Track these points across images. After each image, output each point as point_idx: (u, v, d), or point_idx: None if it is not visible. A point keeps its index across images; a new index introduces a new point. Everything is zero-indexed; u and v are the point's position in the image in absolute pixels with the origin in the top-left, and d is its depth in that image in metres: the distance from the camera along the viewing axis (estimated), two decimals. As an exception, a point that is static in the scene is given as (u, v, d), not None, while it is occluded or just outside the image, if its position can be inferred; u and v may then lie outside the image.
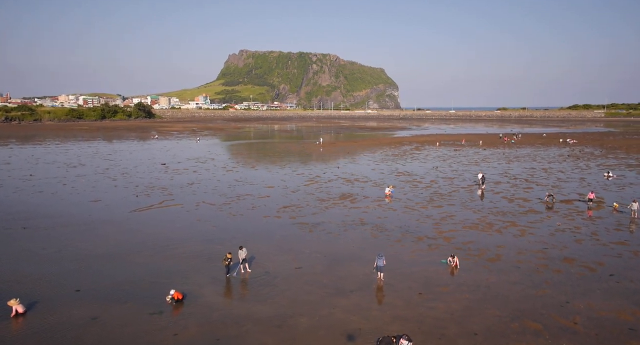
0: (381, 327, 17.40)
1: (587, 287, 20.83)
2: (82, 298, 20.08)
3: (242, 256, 22.60)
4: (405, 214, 35.17)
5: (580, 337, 16.32)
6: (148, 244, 27.71)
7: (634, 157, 73.78)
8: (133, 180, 50.27)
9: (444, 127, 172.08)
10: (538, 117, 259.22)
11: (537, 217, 34.01)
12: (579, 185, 47.73)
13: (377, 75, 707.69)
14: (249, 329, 17.38)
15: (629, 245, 27.21)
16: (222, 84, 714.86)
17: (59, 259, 25.07)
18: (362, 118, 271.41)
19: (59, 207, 37.68)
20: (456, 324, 17.49)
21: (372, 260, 24.60)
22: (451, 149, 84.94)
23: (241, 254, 22.59)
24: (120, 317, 18.30)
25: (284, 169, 60.03)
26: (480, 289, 20.89)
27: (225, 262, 21.99)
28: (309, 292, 20.77)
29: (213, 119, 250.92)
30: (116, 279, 22.20)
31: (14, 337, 16.84)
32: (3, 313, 18.46)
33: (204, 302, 19.82)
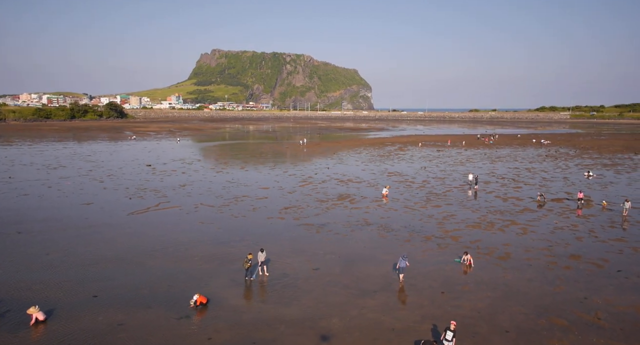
0: (413, 326, 17.63)
1: (599, 283, 21.69)
2: (101, 304, 19.44)
3: (261, 259, 22.37)
4: (406, 214, 35.62)
5: (607, 332, 16.99)
6: (156, 247, 27.06)
7: (607, 156, 77.08)
8: (121, 182, 48.87)
9: (421, 128, 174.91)
10: (508, 119, 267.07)
11: (533, 216, 35.09)
12: (564, 184, 49.52)
13: (350, 76, 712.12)
14: (282, 332, 17.26)
15: (627, 242, 28.47)
16: (194, 84, 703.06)
17: (66, 264, 24.16)
18: (339, 119, 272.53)
19: (50, 210, 36.25)
20: (485, 321, 17.89)
21: (386, 261, 24.98)
22: (434, 150, 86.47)
23: (261, 257, 22.36)
24: (147, 323, 17.83)
25: (273, 169, 59.67)
26: (499, 286, 21.42)
27: (247, 264, 21.70)
28: (333, 293, 20.79)
29: (188, 119, 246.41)
30: (133, 283, 21.60)
31: (46, 342, 16.16)
32: (21, 321, 17.69)
33: (229, 305, 19.54)
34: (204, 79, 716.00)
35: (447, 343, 14.85)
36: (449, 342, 14.80)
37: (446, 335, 14.88)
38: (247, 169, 59.83)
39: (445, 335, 14.90)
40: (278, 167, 62.38)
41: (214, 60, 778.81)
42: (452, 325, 15.18)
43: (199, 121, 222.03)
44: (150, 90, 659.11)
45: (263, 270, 22.91)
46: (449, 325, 15.21)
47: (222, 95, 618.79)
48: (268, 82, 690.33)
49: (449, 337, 14.83)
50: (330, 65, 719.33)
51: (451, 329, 14.99)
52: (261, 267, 22.83)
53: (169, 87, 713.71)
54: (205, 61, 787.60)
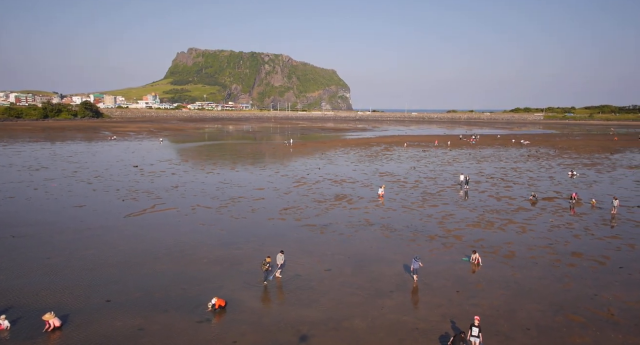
0: (436, 326, 17.81)
1: (605, 280, 22.39)
2: (116, 308, 18.93)
3: (280, 261, 22.12)
4: (406, 214, 35.95)
5: (623, 328, 17.55)
6: (160, 249, 26.52)
7: (585, 156, 79.61)
8: (111, 184, 47.66)
9: (402, 129, 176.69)
10: (485, 119, 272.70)
11: (529, 215, 35.95)
12: (550, 183, 50.90)
13: (329, 76, 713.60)
14: (309, 333, 17.19)
15: (622, 239, 29.48)
16: (170, 83, 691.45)
17: (70, 268, 23.42)
18: (320, 119, 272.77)
19: (41, 213, 35.07)
20: (505, 320, 18.22)
21: (396, 261, 25.19)
22: (420, 150, 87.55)
23: (280, 259, 22.11)
24: (167, 327, 17.46)
25: (264, 170, 59.28)
26: (510, 284, 21.86)
27: (265, 267, 21.42)
28: (349, 293, 20.81)
29: (167, 119, 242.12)
30: (145, 287, 21.11)
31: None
32: (35, 327, 17.07)
33: (247, 308, 19.33)
34: (181, 78, 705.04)
35: (473, 339, 15.05)
36: (475, 338, 15.01)
37: (472, 332, 15.09)
38: (237, 170, 59.22)
39: (472, 332, 15.10)
40: (268, 167, 62.00)
41: (191, 59, 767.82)
42: (476, 320, 15.41)
43: (178, 121, 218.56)
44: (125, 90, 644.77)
45: (278, 272, 22.62)
46: (473, 321, 15.43)
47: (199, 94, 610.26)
48: (246, 82, 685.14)
49: (475, 333, 15.06)
50: (309, 65, 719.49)
51: (476, 324, 15.23)
52: (280, 269, 22.53)
53: (144, 86, 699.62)
54: (182, 60, 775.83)
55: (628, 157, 79.58)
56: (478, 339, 15.03)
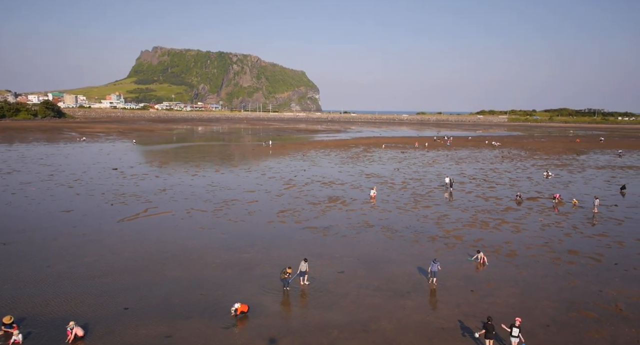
0: (460, 324, 18.30)
1: (605, 276, 23.59)
2: (136, 316, 18.42)
3: (303, 268, 21.90)
4: (402, 215, 36.56)
5: (634, 322, 18.57)
6: (165, 255, 25.91)
7: (555, 157, 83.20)
8: (94, 187, 46.02)
9: (376, 130, 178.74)
10: (453, 121, 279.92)
11: (518, 214, 37.32)
12: (530, 184, 52.94)
13: (298, 77, 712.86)
14: (337, 336, 17.28)
15: (609, 236, 31.10)
16: (134, 82, 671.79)
17: (76, 275, 22.57)
18: (292, 120, 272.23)
19: (28, 219, 33.53)
20: (524, 317, 18.84)
21: (405, 261, 25.67)
22: (398, 151, 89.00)
23: (303, 266, 21.88)
24: (195, 334, 17.16)
25: (249, 172, 58.74)
26: (519, 283, 22.69)
27: (284, 276, 21.19)
28: (368, 295, 21.04)
29: (134, 119, 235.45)
30: (161, 294, 20.62)
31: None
32: (55, 338, 16.39)
33: (271, 313, 19.22)
34: (145, 78, 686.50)
35: (513, 339, 15.58)
36: (515, 338, 15.54)
37: (512, 332, 15.60)
38: (222, 172, 58.41)
39: (512, 332, 15.62)
40: (253, 169, 61.46)
41: (156, 58, 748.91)
42: (517, 321, 15.94)
43: (146, 122, 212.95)
44: (85, 88, 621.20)
45: (303, 280, 22.26)
46: (514, 322, 15.95)
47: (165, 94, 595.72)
48: (214, 82, 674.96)
49: (515, 333, 15.58)
50: (278, 66, 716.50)
51: (516, 325, 15.75)
52: (302, 276, 22.22)
53: (106, 85, 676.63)
54: (146, 59, 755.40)
55: (593, 158, 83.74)
56: (517, 339, 15.53)
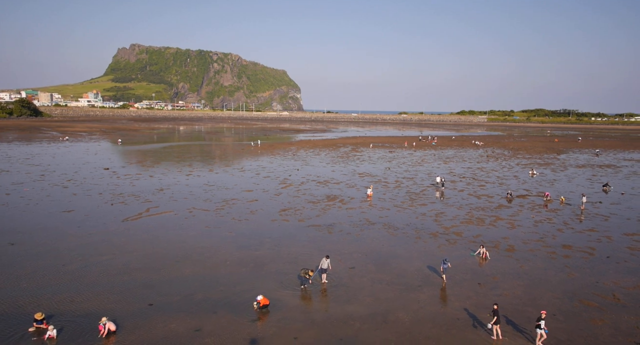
0: (473, 315, 19.37)
1: (600, 269, 25.09)
2: (162, 311, 18.91)
3: (325, 265, 22.51)
4: (400, 213, 37.65)
5: (632, 310, 19.98)
6: (178, 253, 26.30)
7: (537, 157, 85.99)
8: (89, 188, 45.72)
9: (361, 130, 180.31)
10: (434, 121, 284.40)
11: (511, 211, 38.87)
12: (517, 182, 54.87)
13: (279, 77, 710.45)
14: (360, 327, 18.12)
15: (598, 231, 32.83)
16: (111, 81, 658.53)
17: (93, 274, 22.82)
18: (276, 120, 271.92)
19: (30, 219, 33.33)
20: (532, 307, 20.12)
21: (411, 257, 26.76)
22: (386, 151, 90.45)
23: (324, 263, 22.51)
24: (222, 327, 17.77)
25: (243, 172, 59.04)
26: (522, 276, 23.96)
27: (305, 275, 21.80)
28: (382, 289, 21.96)
29: (114, 118, 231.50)
30: (182, 290, 21.10)
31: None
32: (87, 333, 16.76)
33: (293, 307, 19.95)
34: (123, 76, 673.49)
35: (539, 330, 16.56)
36: (541, 330, 16.54)
37: (540, 324, 16.59)
38: (217, 172, 58.57)
39: (540, 324, 16.59)
40: (247, 169, 61.76)
41: (134, 55, 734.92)
42: (542, 314, 16.90)
43: (127, 121, 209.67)
44: (60, 86, 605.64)
45: (323, 277, 22.80)
46: (540, 315, 16.93)
47: (144, 93, 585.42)
48: (194, 80, 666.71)
49: (541, 325, 16.57)
50: (259, 65, 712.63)
51: (542, 317, 16.73)
52: (324, 273, 22.76)
53: (82, 83, 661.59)
54: (123, 56, 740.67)
55: (573, 157, 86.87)
56: (541, 330, 16.53)
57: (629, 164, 76.73)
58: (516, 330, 18.14)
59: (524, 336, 17.65)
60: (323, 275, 22.67)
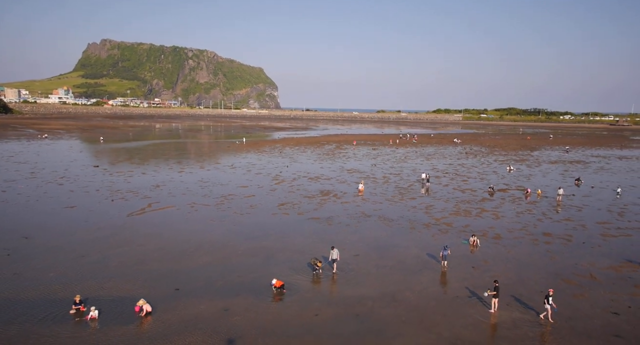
0: (470, 293, 21.63)
1: (577, 253, 27.85)
2: (189, 295, 20.44)
3: (334, 256, 24.24)
4: (393, 206, 39.86)
5: (607, 286, 22.68)
6: (189, 246, 27.68)
7: (512, 153, 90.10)
8: (84, 184, 46.22)
9: (341, 128, 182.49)
10: (412, 119, 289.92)
11: (494, 204, 41.65)
12: (497, 177, 58.02)
13: (256, 74, 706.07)
14: (373, 306, 20.10)
15: (574, 221, 35.86)
16: (81, 76, 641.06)
17: (115, 264, 24.08)
18: (255, 117, 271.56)
19: (35, 215, 34.02)
20: (520, 286, 22.55)
21: (409, 246, 28.95)
22: (369, 148, 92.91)
23: (333, 254, 24.24)
24: (248, 308, 19.44)
25: (235, 169, 60.22)
26: (510, 260, 26.43)
27: (315, 265, 23.56)
28: (388, 273, 24.01)
29: (89, 115, 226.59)
30: (202, 277, 22.64)
31: (169, 329, 17.12)
32: (123, 314, 18.18)
33: (308, 289, 21.78)
34: (93, 72, 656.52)
35: (547, 306, 18.78)
36: (549, 305, 18.78)
37: (548, 301, 18.85)
38: (208, 169, 59.57)
39: (547, 301, 18.85)
40: (237, 166, 62.95)
41: (105, 51, 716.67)
42: (550, 291, 19.10)
43: (103, 118, 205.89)
44: (27, 82, 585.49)
45: (333, 267, 24.28)
46: (548, 293, 19.16)
47: (116, 89, 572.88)
48: (169, 77, 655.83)
49: (549, 302, 18.80)
50: (236, 62, 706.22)
51: (550, 294, 18.95)
52: (334, 263, 24.29)
53: (50, 79, 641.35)
54: (94, 52, 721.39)
55: (545, 154, 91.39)
56: (550, 306, 18.78)
57: (596, 160, 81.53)
58: (509, 304, 20.47)
59: (517, 309, 19.99)
60: (334, 265, 24.36)
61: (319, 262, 23.88)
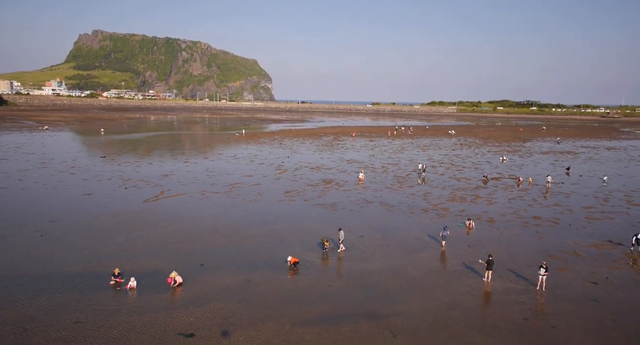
0: (468, 268, 24.01)
1: (563, 233, 30.35)
2: (213, 269, 22.67)
3: (341, 237, 26.46)
4: (392, 193, 42.16)
5: (587, 260, 25.22)
6: (206, 228, 29.81)
7: (505, 144, 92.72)
8: (96, 174, 48.06)
9: (337, 120, 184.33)
10: (406, 112, 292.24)
11: (488, 191, 44.10)
12: (490, 167, 60.51)
13: (250, 66, 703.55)
14: (379, 278, 22.42)
15: (561, 206, 38.39)
16: (73, 68, 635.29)
17: (141, 244, 26.19)
18: (251, 110, 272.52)
19: (57, 202, 35.98)
20: (512, 261, 24.97)
21: (409, 228, 31.26)
22: (366, 140, 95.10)
23: (340, 235, 26.46)
24: (267, 280, 21.68)
25: (238, 160, 62.18)
26: (502, 240, 28.86)
27: (325, 244, 25.80)
28: (391, 251, 26.33)
29: (84, 107, 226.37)
30: (222, 256, 24.86)
31: (200, 297, 19.36)
32: (156, 285, 20.33)
33: (320, 265, 24.05)
34: (85, 63, 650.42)
35: (540, 276, 21.15)
36: (542, 276, 21.17)
37: (540, 271, 21.18)
38: (212, 160, 61.50)
39: (540, 271, 21.18)
40: (239, 156, 64.90)
41: (97, 42, 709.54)
42: (543, 263, 21.50)
43: (99, 110, 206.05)
44: (17, 73, 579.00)
45: (340, 247, 26.61)
46: (541, 264, 21.54)
47: (109, 81, 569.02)
48: (162, 69, 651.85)
49: (542, 272, 21.19)
50: (230, 54, 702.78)
51: (543, 266, 21.35)
52: (341, 242, 26.59)
53: (41, 71, 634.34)
54: (86, 43, 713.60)
55: (537, 145, 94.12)
56: (544, 276, 21.16)
57: (586, 150, 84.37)
58: (501, 276, 22.86)
59: (508, 280, 22.40)
60: (341, 244, 26.62)
61: (327, 241, 26.11)
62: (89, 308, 18.41)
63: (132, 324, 17.27)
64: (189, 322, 17.56)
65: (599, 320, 18.49)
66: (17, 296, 19.38)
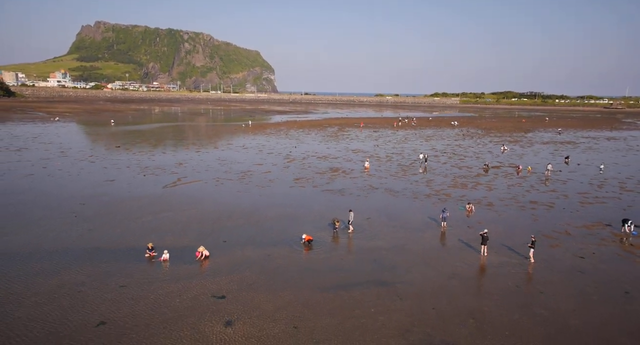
0: (467, 245, 26.25)
1: (557, 216, 32.52)
2: (235, 245, 24.99)
3: (351, 218, 28.70)
4: (397, 181, 44.33)
5: (577, 238, 27.44)
6: (224, 211, 32.12)
7: (507, 135, 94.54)
8: (114, 162, 50.43)
9: (341, 112, 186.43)
10: (410, 103, 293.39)
11: (488, 178, 46.22)
12: (491, 156, 62.53)
13: (253, 57, 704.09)
14: (386, 254, 24.69)
15: (557, 192, 40.50)
16: (76, 60, 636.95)
17: (167, 225, 28.55)
18: (255, 101, 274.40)
19: (83, 187, 38.38)
20: (509, 240, 27.18)
21: (413, 212, 33.41)
22: (371, 130, 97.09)
23: (350, 216, 28.71)
24: (285, 255, 23.97)
25: (247, 149, 64.40)
26: (500, 222, 31.05)
27: (335, 224, 28.03)
28: (396, 231, 28.57)
29: (90, 99, 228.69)
30: (242, 234, 27.18)
31: (226, 267, 21.68)
32: (188, 257, 22.68)
33: (331, 243, 26.33)
34: (88, 55, 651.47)
35: (531, 250, 23.43)
36: (531, 249, 23.44)
37: (531, 244, 23.47)
38: (222, 149, 63.76)
39: (531, 244, 23.47)
40: (248, 146, 67.13)
41: (99, 33, 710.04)
42: (532, 237, 23.76)
43: (104, 102, 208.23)
44: (21, 65, 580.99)
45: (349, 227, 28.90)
46: (532, 239, 23.80)
47: (112, 73, 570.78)
48: (165, 60, 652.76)
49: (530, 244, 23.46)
50: (232, 45, 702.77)
51: (533, 240, 23.59)
52: (350, 223, 28.89)
53: (45, 62, 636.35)
54: (88, 34, 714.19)
55: (538, 135, 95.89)
56: (533, 249, 23.43)
57: (586, 140, 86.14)
58: (497, 252, 25.09)
59: (503, 255, 24.63)
60: (350, 225, 28.87)
61: (337, 222, 28.37)
62: (130, 275, 20.78)
63: (169, 289, 19.63)
64: (219, 287, 19.91)
65: (582, 287, 20.73)
66: (66, 264, 21.80)
